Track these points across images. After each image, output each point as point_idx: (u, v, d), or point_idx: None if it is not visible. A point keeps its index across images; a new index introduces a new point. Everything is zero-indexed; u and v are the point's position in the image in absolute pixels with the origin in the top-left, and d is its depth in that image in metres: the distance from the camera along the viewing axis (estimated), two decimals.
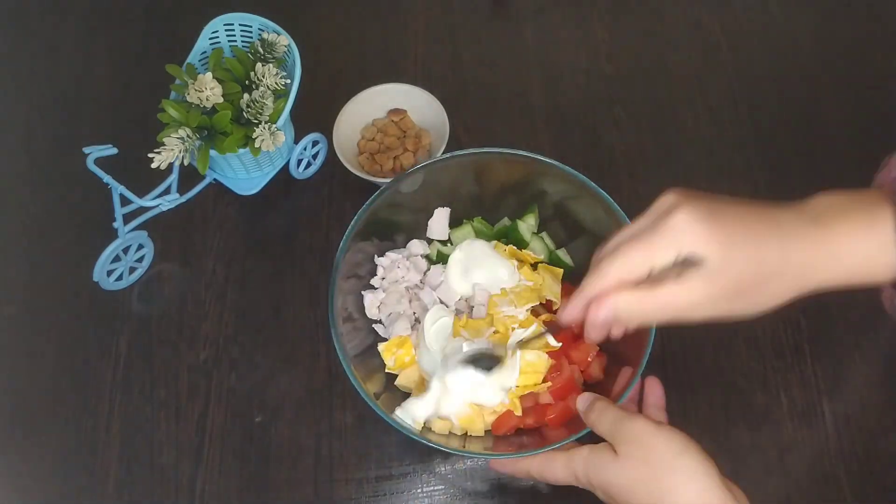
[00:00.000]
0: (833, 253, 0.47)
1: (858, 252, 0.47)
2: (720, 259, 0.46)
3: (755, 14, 0.93)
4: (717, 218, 0.47)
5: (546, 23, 0.93)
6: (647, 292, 0.48)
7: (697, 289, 0.46)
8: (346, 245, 0.65)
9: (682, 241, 0.46)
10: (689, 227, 0.46)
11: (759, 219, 0.48)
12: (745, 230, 0.47)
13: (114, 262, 0.73)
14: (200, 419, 0.71)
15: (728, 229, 0.47)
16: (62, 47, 0.92)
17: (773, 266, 0.47)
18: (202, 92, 0.69)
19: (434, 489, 0.69)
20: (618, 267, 0.48)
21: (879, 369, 0.73)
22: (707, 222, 0.46)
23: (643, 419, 0.54)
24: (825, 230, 0.47)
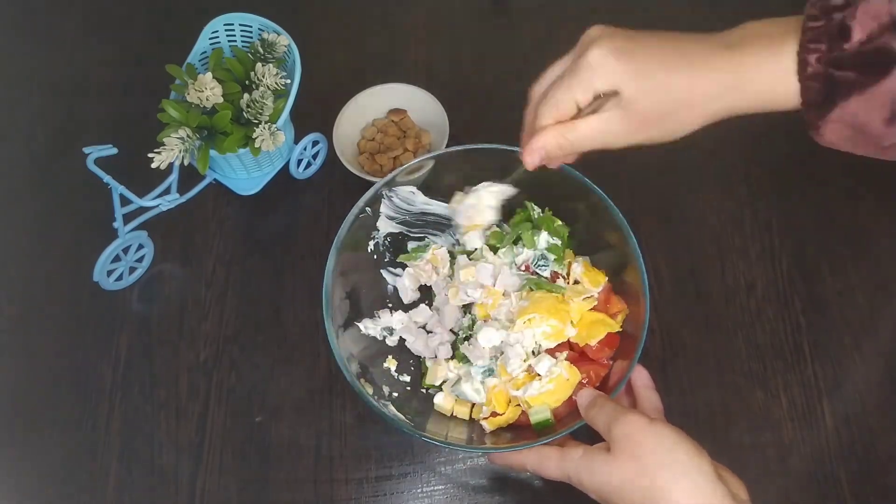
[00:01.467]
0: (738, 81, 0.50)
1: (762, 79, 0.49)
2: (632, 90, 0.50)
3: (756, 13, 0.93)
4: (630, 51, 0.51)
5: (546, 23, 0.93)
6: (568, 127, 0.54)
7: (613, 119, 0.52)
8: (339, 244, 0.66)
9: (597, 76, 0.51)
10: (602, 62, 0.51)
11: (673, 50, 0.52)
12: (657, 62, 0.51)
13: (114, 263, 0.73)
14: (200, 419, 0.71)
15: (639, 62, 0.51)
16: (62, 47, 0.92)
17: (681, 94, 0.50)
18: (202, 92, 0.69)
19: (434, 489, 0.69)
20: (549, 109, 0.54)
21: (879, 369, 0.73)
22: (619, 56, 0.51)
23: (637, 414, 0.54)
24: (733, 59, 0.50)
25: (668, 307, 0.75)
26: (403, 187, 0.71)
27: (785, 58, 0.48)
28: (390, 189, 0.70)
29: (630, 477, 0.52)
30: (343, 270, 0.67)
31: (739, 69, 0.49)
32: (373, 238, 0.72)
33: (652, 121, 0.52)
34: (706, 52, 0.51)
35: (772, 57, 0.49)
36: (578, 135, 0.54)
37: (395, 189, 0.71)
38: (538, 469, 0.58)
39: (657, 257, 0.78)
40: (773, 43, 0.49)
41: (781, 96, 0.49)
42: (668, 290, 0.76)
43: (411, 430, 0.61)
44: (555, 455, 0.57)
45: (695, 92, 0.50)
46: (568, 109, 0.54)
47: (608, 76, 0.51)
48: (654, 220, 0.79)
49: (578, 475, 0.55)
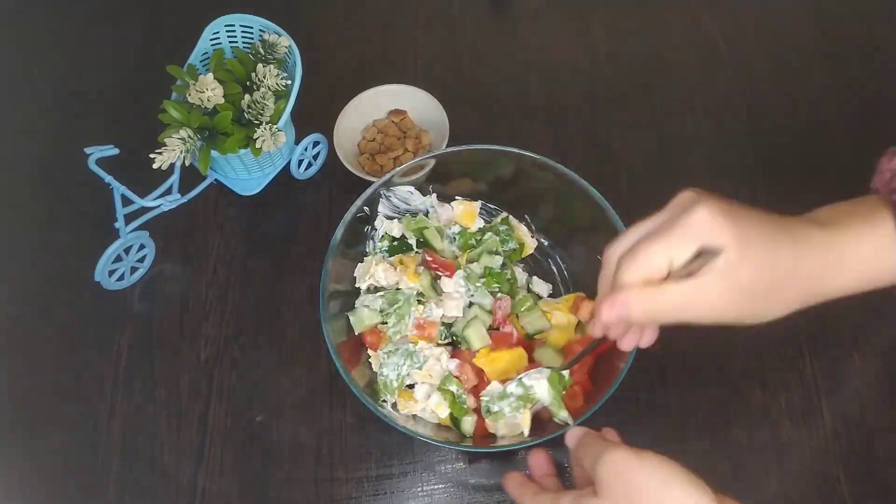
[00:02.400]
0: (840, 258, 0.48)
1: (863, 255, 0.48)
2: (736, 254, 0.46)
3: (755, 14, 0.93)
4: (735, 215, 0.47)
5: (545, 23, 0.93)
6: (660, 288, 0.47)
7: (711, 285, 0.46)
8: (336, 245, 0.66)
9: (702, 235, 0.46)
10: (709, 221, 0.46)
11: (772, 221, 0.49)
12: (761, 230, 0.48)
13: (115, 263, 0.74)
14: (201, 419, 0.71)
15: (745, 227, 0.47)
16: (63, 48, 0.92)
17: (785, 269, 0.47)
18: (203, 93, 0.69)
19: (434, 488, 0.69)
20: (639, 263, 0.47)
21: (879, 369, 0.73)
22: (726, 218, 0.46)
23: (624, 450, 0.49)
24: (831, 236, 0.48)
25: None
26: (401, 187, 0.71)
27: (882, 231, 0.48)
28: (388, 189, 0.71)
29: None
30: (341, 271, 0.67)
31: (840, 246, 0.48)
32: (371, 238, 0.73)
33: (752, 295, 0.47)
34: (805, 230, 0.49)
35: (869, 233, 0.48)
36: (668, 299, 0.47)
37: (393, 189, 0.71)
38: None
39: None
40: (867, 220, 0.49)
41: (885, 271, 0.49)
42: None
43: (409, 432, 0.61)
44: (547, 500, 0.53)
45: (799, 268, 0.47)
46: (660, 266, 0.47)
47: (715, 236, 0.46)
48: None
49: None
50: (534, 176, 0.71)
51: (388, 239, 0.73)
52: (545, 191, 0.72)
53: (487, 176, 0.74)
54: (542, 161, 0.69)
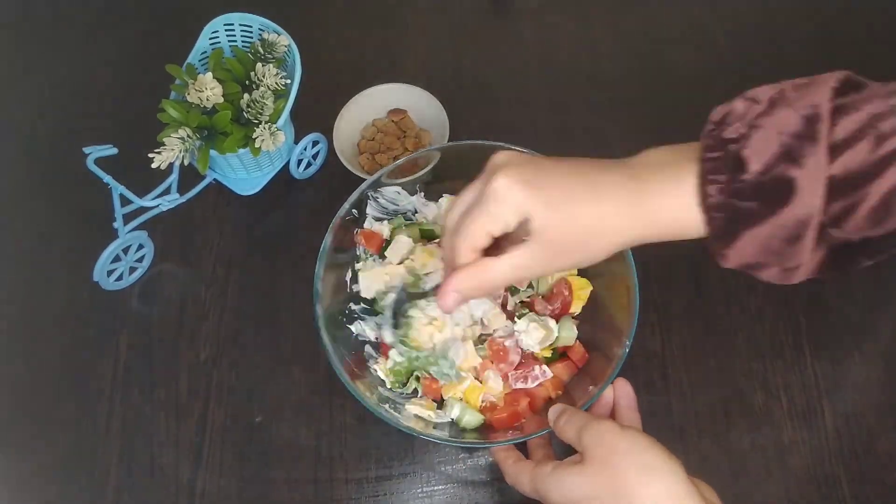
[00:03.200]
0: (644, 212, 0.50)
1: (667, 211, 0.49)
2: (542, 220, 0.49)
3: (755, 14, 0.93)
4: (538, 182, 0.50)
5: (546, 22, 0.93)
6: (480, 268, 0.51)
7: (525, 254, 0.50)
8: (326, 249, 0.66)
9: (506, 206, 0.49)
10: (508, 192, 0.49)
11: (579, 181, 0.51)
12: (564, 193, 0.50)
13: (114, 262, 0.73)
14: (200, 419, 0.71)
15: (547, 193, 0.49)
16: (62, 47, 0.92)
17: (589, 226, 0.50)
18: (202, 92, 0.69)
19: (434, 488, 0.69)
20: (465, 242, 0.51)
21: (879, 369, 0.73)
22: (525, 186, 0.49)
23: (608, 422, 0.54)
24: (638, 189, 0.50)
25: (669, 307, 0.75)
26: (389, 188, 0.71)
27: (686, 188, 0.49)
28: (375, 190, 0.70)
29: (602, 483, 0.51)
30: (333, 272, 0.67)
31: (645, 200, 0.50)
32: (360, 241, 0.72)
33: (563, 251, 0.51)
34: (612, 183, 0.51)
35: (674, 188, 0.49)
36: (493, 274, 0.51)
37: (381, 190, 0.71)
38: (515, 483, 0.58)
39: (657, 257, 0.77)
40: (675, 174, 0.50)
41: (688, 225, 0.50)
42: (668, 290, 0.76)
43: (408, 429, 0.61)
44: (528, 470, 0.57)
45: (603, 223, 0.50)
46: (482, 241, 0.51)
47: (517, 206, 0.49)
48: None
49: (546, 489, 0.54)
50: None
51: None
52: None
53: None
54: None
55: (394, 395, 0.67)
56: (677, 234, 0.51)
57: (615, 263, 0.65)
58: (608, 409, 0.63)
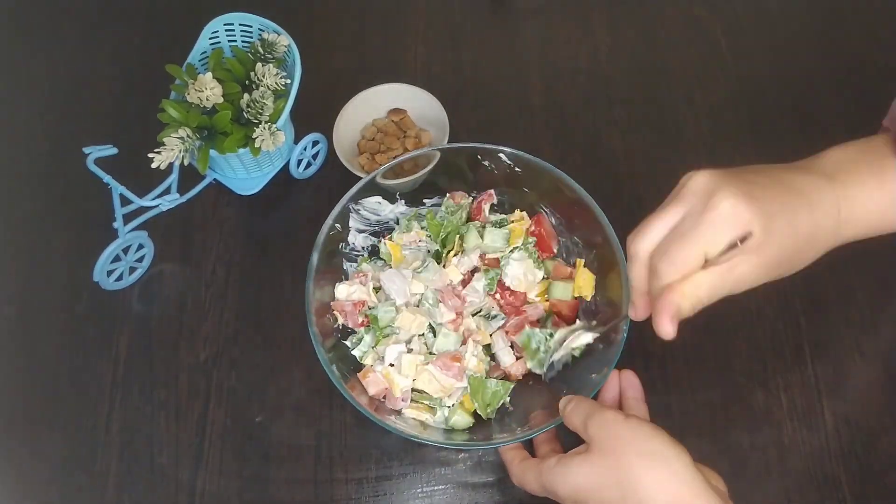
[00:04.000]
0: (851, 213, 0.51)
1: (873, 207, 0.51)
2: (763, 236, 0.49)
3: (755, 14, 0.93)
4: (756, 196, 0.50)
5: (546, 23, 0.93)
6: (699, 283, 0.51)
7: (743, 266, 0.50)
8: (314, 267, 0.66)
9: (731, 226, 0.49)
10: (734, 213, 0.49)
11: (785, 189, 0.51)
12: (779, 203, 0.50)
13: (114, 262, 0.73)
14: (200, 419, 0.71)
15: (766, 205, 0.50)
16: (62, 47, 0.92)
17: (806, 233, 0.50)
18: (202, 92, 0.69)
19: (434, 489, 0.69)
20: (677, 265, 0.51)
21: (879, 369, 0.73)
22: (748, 204, 0.49)
23: (614, 411, 0.54)
24: (841, 192, 0.51)
25: None
26: (370, 198, 0.71)
27: (890, 186, 0.50)
28: (356, 202, 0.70)
29: (606, 471, 0.51)
30: (323, 286, 0.68)
31: (850, 202, 0.51)
32: (345, 252, 0.73)
33: (781, 262, 0.51)
34: (817, 189, 0.51)
35: (878, 186, 0.51)
36: (708, 290, 0.51)
37: (362, 202, 0.71)
38: (521, 483, 0.58)
39: None
40: (874, 171, 0.51)
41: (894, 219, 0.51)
42: None
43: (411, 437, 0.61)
44: (533, 467, 0.57)
45: (818, 230, 0.51)
46: (697, 263, 0.51)
47: (743, 224, 0.49)
48: None
49: (553, 483, 0.54)
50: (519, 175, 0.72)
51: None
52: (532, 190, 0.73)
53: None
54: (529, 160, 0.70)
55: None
56: (883, 229, 0.52)
57: (603, 248, 0.67)
58: (615, 402, 0.63)
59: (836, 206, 0.51)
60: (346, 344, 0.69)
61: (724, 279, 0.51)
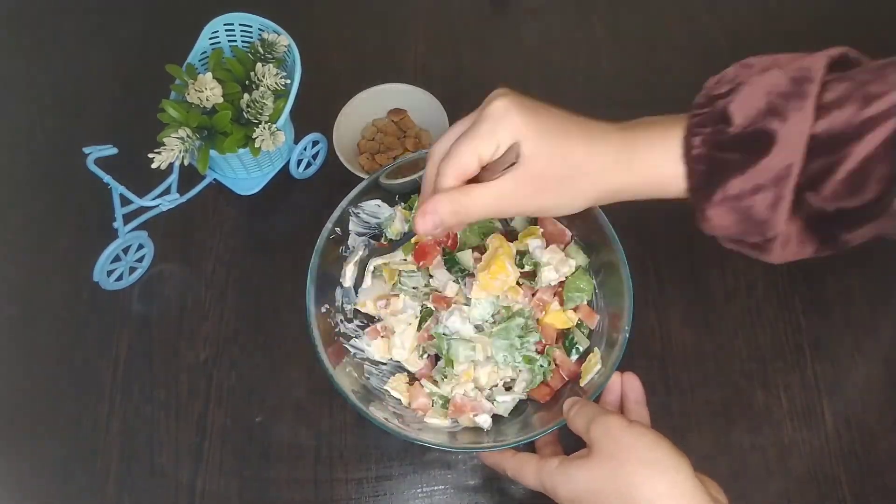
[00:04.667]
0: (630, 159, 0.51)
1: (650, 159, 0.51)
2: (531, 146, 0.49)
3: (755, 14, 0.93)
4: (534, 111, 0.50)
5: (546, 23, 0.93)
6: (462, 191, 0.51)
7: (508, 181, 0.50)
8: (315, 270, 0.66)
9: (500, 127, 0.49)
10: (505, 114, 0.49)
11: (573, 123, 0.52)
12: (557, 127, 0.51)
13: (114, 263, 0.73)
14: (200, 419, 0.71)
15: (541, 123, 0.50)
16: (62, 47, 0.92)
17: (578, 164, 0.50)
18: (202, 92, 0.69)
19: (434, 489, 0.69)
20: (451, 166, 0.51)
21: (879, 369, 0.73)
22: (522, 111, 0.50)
23: (617, 416, 0.54)
24: (626, 138, 0.51)
25: (669, 307, 0.75)
26: (369, 201, 0.71)
27: (672, 141, 0.50)
28: (356, 206, 0.70)
29: (607, 476, 0.51)
30: (324, 290, 0.68)
31: (631, 146, 0.51)
32: (345, 256, 0.72)
33: (547, 186, 0.51)
34: (604, 131, 0.52)
35: (660, 140, 0.51)
36: (473, 199, 0.51)
37: (361, 205, 0.71)
38: (517, 476, 0.58)
39: (657, 257, 0.78)
40: (664, 128, 0.51)
41: (669, 178, 0.51)
42: (668, 290, 0.76)
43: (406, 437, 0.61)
44: (533, 463, 0.57)
45: (591, 162, 0.51)
46: (470, 164, 0.51)
47: (510, 128, 0.50)
48: (655, 221, 0.79)
49: (553, 484, 0.54)
50: None
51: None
52: None
53: None
54: None
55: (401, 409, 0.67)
56: (659, 188, 0.51)
57: (605, 252, 0.67)
58: (616, 404, 0.63)
59: (616, 148, 0.51)
60: (346, 347, 0.69)
61: (487, 191, 0.50)
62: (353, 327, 0.70)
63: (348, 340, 0.69)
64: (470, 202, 0.51)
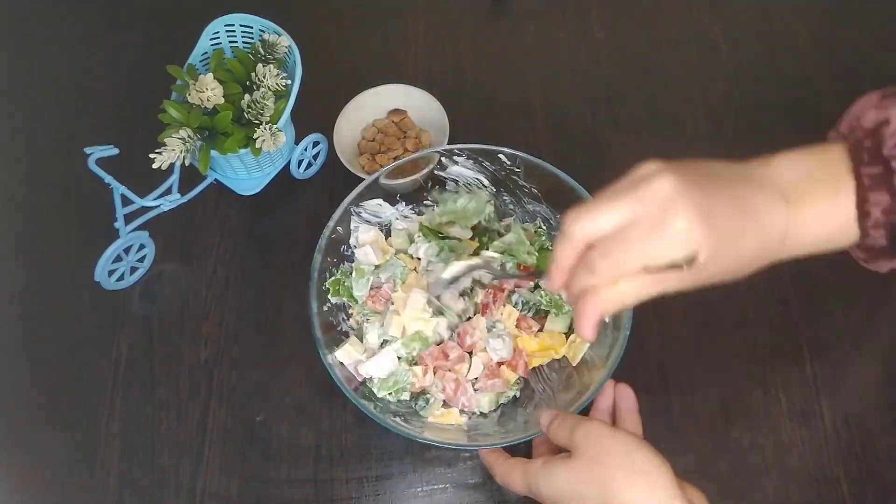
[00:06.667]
0: (798, 232, 0.49)
1: (824, 226, 0.50)
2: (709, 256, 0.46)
3: (754, 14, 0.93)
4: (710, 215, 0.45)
5: (545, 23, 0.93)
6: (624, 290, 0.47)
7: (675, 280, 0.47)
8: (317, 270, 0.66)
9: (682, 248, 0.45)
10: (690, 234, 0.45)
11: (740, 208, 0.48)
12: (731, 228, 0.47)
13: (115, 262, 0.74)
14: (201, 419, 0.71)
15: (718, 229, 0.46)
16: (63, 48, 0.92)
17: (749, 256, 0.49)
18: (203, 92, 0.69)
19: (434, 487, 0.69)
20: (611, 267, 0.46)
21: (879, 369, 0.73)
22: (702, 225, 0.45)
23: (599, 422, 0.55)
24: (794, 212, 0.49)
25: (669, 307, 0.75)
26: (370, 201, 0.71)
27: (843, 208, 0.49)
28: (357, 205, 0.70)
29: (587, 478, 0.52)
30: (326, 289, 0.68)
31: (801, 221, 0.49)
32: (346, 255, 0.73)
33: (714, 279, 0.48)
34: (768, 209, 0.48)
35: (831, 208, 0.49)
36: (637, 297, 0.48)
37: (363, 204, 0.71)
38: (505, 481, 0.59)
39: None
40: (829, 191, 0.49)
41: (840, 241, 0.50)
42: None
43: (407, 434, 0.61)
44: (519, 467, 0.57)
45: (761, 251, 0.49)
46: (634, 273, 0.46)
47: (692, 246, 0.45)
48: None
49: (537, 484, 0.55)
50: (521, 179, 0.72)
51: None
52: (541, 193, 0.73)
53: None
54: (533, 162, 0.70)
55: (401, 407, 0.67)
56: (830, 246, 0.51)
57: None
58: (608, 411, 0.63)
59: (784, 228, 0.48)
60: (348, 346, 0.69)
61: (652, 288, 0.47)
62: (354, 325, 0.71)
63: (350, 338, 0.69)
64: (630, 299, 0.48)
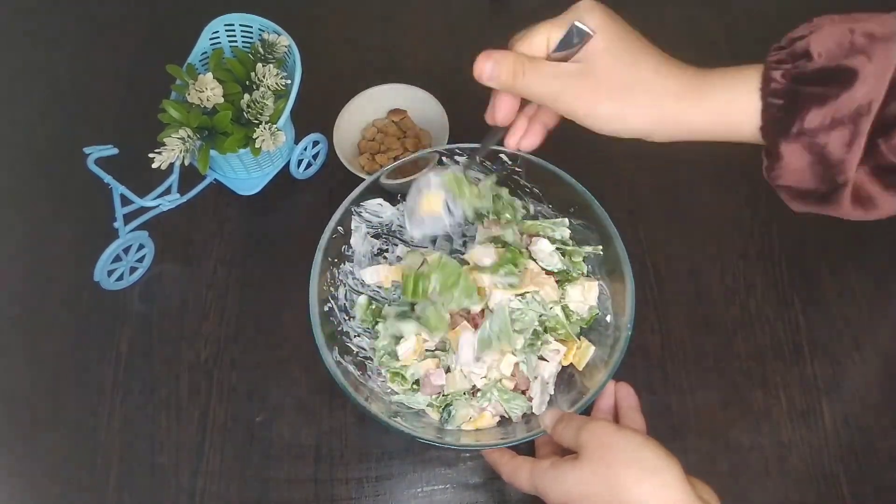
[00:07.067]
0: (698, 91, 0.50)
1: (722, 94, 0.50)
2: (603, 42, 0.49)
3: (755, 14, 0.93)
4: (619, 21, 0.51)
5: None
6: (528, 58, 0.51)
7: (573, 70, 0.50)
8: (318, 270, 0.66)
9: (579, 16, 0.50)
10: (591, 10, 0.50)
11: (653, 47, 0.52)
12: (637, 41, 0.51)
13: (115, 262, 0.74)
14: (201, 419, 0.71)
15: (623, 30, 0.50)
16: (63, 47, 0.92)
17: (644, 76, 0.50)
18: (203, 92, 0.69)
19: (434, 487, 0.69)
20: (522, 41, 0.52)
21: (879, 369, 0.73)
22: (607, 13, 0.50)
23: (605, 421, 0.54)
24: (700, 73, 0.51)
25: (669, 307, 0.75)
26: (370, 201, 0.71)
27: (748, 77, 0.50)
28: (358, 205, 0.70)
29: (597, 479, 0.51)
30: (328, 287, 0.68)
31: (703, 79, 0.51)
32: (347, 255, 0.72)
33: (607, 88, 0.50)
34: (679, 62, 0.52)
35: (735, 76, 0.50)
36: (536, 68, 0.51)
37: (363, 204, 0.71)
38: (512, 479, 0.59)
39: (657, 257, 0.78)
40: (739, 68, 0.51)
41: (742, 115, 0.50)
42: (668, 290, 0.76)
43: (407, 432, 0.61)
44: (527, 466, 0.57)
45: (657, 79, 0.50)
46: (539, 44, 0.52)
47: (589, 17, 0.50)
48: (655, 220, 0.79)
49: (545, 485, 0.54)
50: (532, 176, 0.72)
51: None
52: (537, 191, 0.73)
53: None
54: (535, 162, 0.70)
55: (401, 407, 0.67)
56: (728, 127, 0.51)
57: (606, 250, 0.67)
58: (610, 410, 0.63)
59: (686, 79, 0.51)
60: (349, 346, 0.69)
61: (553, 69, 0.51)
62: (354, 325, 0.71)
63: (350, 339, 0.69)
64: (532, 69, 0.51)
